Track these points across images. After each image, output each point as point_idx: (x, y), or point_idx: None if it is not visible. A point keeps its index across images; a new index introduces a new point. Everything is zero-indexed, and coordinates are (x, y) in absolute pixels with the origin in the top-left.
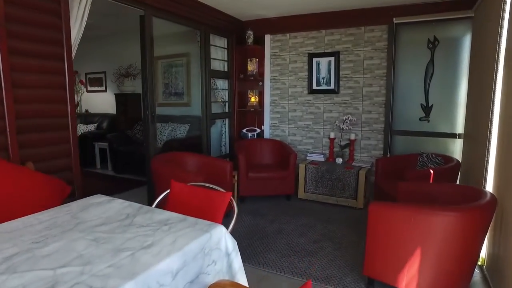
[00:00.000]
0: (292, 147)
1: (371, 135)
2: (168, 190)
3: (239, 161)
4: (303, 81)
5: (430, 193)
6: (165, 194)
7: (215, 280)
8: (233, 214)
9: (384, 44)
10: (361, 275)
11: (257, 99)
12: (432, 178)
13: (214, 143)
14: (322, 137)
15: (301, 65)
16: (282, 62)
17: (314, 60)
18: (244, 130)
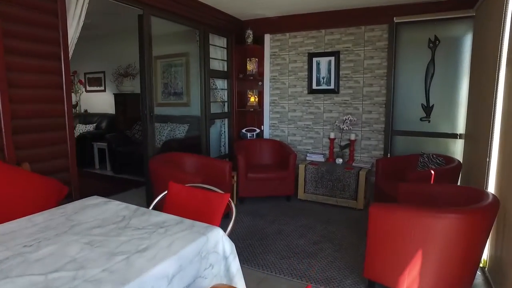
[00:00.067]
0: (292, 148)
1: (371, 135)
2: (165, 192)
3: (238, 161)
4: (303, 81)
5: (431, 194)
6: (162, 196)
7: (212, 284)
8: (232, 215)
9: (385, 44)
10: (361, 277)
11: (257, 99)
12: (433, 179)
13: (214, 143)
14: (322, 137)
15: (301, 65)
16: (281, 62)
17: (314, 59)
18: (243, 130)
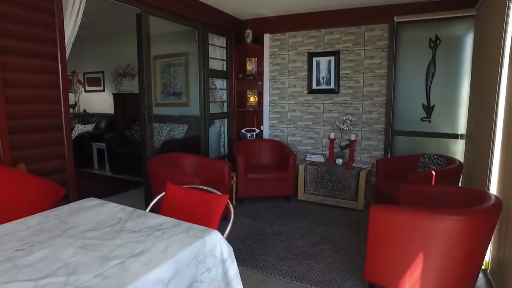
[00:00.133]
0: (292, 148)
1: (371, 135)
2: (163, 193)
3: (237, 162)
4: (303, 80)
5: (432, 195)
6: (160, 197)
7: None
8: (230, 217)
9: (385, 43)
10: (361, 279)
11: (256, 99)
12: (434, 180)
13: (213, 144)
14: (322, 138)
15: (301, 65)
16: (281, 62)
17: (314, 59)
18: (243, 131)
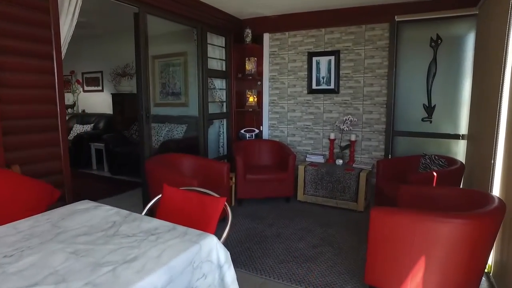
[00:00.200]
0: (291, 148)
1: (372, 136)
2: (159, 195)
3: (236, 162)
4: (303, 80)
5: (433, 196)
6: (156, 199)
7: None
8: (228, 220)
9: (386, 43)
10: (362, 282)
11: (256, 99)
12: (435, 181)
13: (212, 144)
14: (322, 138)
15: (301, 64)
16: (281, 61)
17: (314, 59)
18: (242, 131)
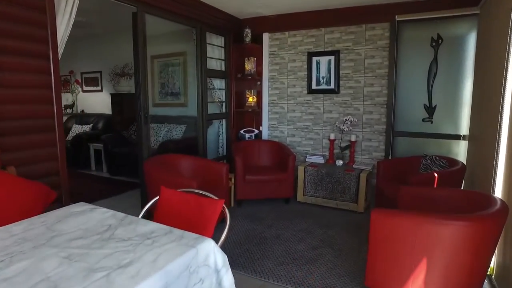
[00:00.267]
0: (291, 149)
1: (372, 136)
2: (157, 197)
3: (236, 163)
4: (303, 80)
5: (434, 198)
6: (153, 202)
7: None
8: (226, 223)
9: (386, 43)
10: (362, 285)
11: (255, 99)
12: (436, 182)
13: (211, 145)
14: (321, 139)
15: (300, 64)
16: (280, 61)
17: (314, 59)
18: (241, 131)
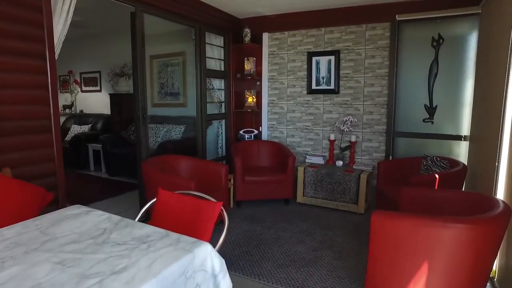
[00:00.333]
0: (291, 149)
1: (372, 137)
2: (154, 199)
3: (235, 164)
4: (302, 80)
5: (435, 199)
6: (150, 204)
7: None
8: (224, 225)
9: (386, 43)
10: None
11: (255, 100)
12: (437, 183)
13: (211, 145)
14: (321, 139)
15: (300, 64)
16: (280, 61)
17: (314, 59)
18: (241, 132)
